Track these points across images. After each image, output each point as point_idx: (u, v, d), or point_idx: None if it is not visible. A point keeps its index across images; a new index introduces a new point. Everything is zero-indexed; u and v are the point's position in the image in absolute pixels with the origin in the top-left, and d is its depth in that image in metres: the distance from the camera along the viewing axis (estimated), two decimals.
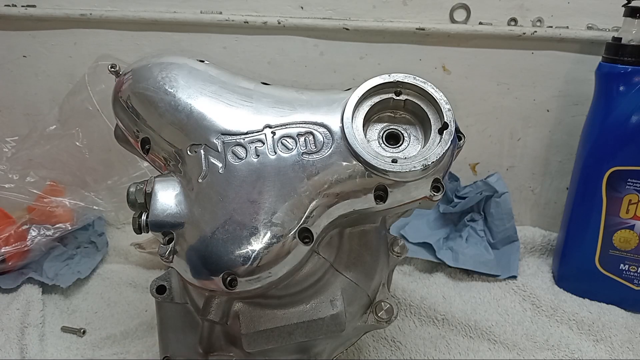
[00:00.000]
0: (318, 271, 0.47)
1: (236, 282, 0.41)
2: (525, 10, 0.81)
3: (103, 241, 0.89)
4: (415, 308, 0.75)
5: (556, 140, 0.89)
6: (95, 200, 0.88)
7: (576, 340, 0.70)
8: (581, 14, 0.80)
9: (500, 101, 0.87)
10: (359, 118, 0.46)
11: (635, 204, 0.73)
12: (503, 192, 0.85)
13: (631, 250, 0.74)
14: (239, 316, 0.45)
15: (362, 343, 0.68)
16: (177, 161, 0.46)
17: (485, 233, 0.86)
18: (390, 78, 0.46)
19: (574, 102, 0.85)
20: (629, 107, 0.70)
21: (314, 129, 0.46)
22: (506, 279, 0.82)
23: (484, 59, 0.85)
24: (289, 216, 0.42)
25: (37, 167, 0.86)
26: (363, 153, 0.44)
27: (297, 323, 0.45)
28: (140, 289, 0.80)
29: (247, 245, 0.41)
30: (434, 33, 0.82)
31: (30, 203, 0.84)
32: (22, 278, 0.79)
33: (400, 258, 0.52)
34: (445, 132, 0.45)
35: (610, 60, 0.72)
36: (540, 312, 0.75)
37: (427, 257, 0.84)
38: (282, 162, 0.44)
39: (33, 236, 0.81)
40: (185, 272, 0.43)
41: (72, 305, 0.77)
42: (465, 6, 0.82)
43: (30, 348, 0.67)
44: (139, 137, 0.49)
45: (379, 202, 0.45)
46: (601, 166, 0.73)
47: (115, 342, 0.70)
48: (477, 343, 0.70)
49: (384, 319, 0.49)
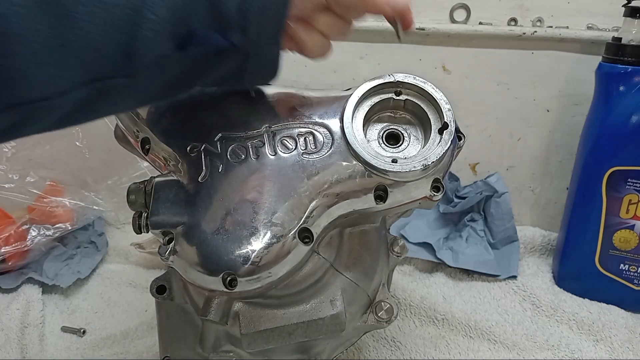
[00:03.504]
0: (318, 271, 0.47)
1: (236, 282, 0.41)
2: (525, 10, 0.81)
3: (103, 241, 0.89)
4: (415, 308, 0.75)
5: (556, 140, 0.89)
6: (95, 200, 0.88)
7: (576, 340, 0.70)
8: (581, 14, 0.80)
9: (500, 101, 0.87)
10: (359, 118, 0.46)
11: (635, 204, 0.73)
12: (503, 192, 0.85)
13: (631, 250, 0.74)
14: (239, 316, 0.45)
15: (362, 343, 0.68)
16: (177, 161, 0.46)
17: (485, 233, 0.86)
18: (390, 78, 0.46)
19: (574, 102, 0.85)
20: (629, 107, 0.70)
21: (313, 129, 0.46)
22: (506, 279, 0.82)
23: (484, 59, 0.85)
24: (289, 216, 0.42)
25: (37, 167, 0.86)
26: (363, 153, 0.44)
27: (297, 323, 0.45)
28: (140, 289, 0.80)
29: (247, 245, 0.41)
30: (434, 33, 0.82)
31: (30, 203, 0.84)
32: (22, 278, 0.79)
33: (400, 258, 0.52)
34: (445, 132, 0.45)
35: (610, 60, 0.72)
36: (540, 312, 0.75)
37: (427, 257, 0.84)
38: (282, 162, 0.44)
39: (33, 236, 0.81)
40: (185, 272, 0.43)
41: (72, 305, 0.77)
42: (465, 6, 0.82)
43: (30, 348, 0.67)
44: (139, 137, 0.49)
45: (379, 202, 0.45)
46: (601, 166, 0.73)
47: (115, 342, 0.70)
48: (477, 343, 0.70)
49: (384, 319, 0.49)
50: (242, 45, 0.37)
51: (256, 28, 0.36)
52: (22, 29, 0.27)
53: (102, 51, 0.30)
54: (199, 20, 0.34)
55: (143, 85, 0.34)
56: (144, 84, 0.34)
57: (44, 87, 0.29)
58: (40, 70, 0.28)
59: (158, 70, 0.34)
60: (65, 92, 0.30)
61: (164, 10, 0.32)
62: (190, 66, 0.37)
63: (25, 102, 0.29)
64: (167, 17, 0.32)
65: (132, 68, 0.32)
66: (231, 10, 0.35)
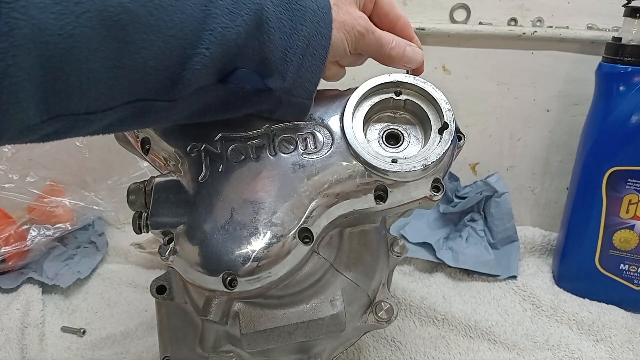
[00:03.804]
0: (318, 271, 0.47)
1: (236, 282, 0.41)
2: (525, 10, 0.81)
3: (103, 241, 0.89)
4: (415, 308, 0.75)
5: (556, 140, 0.89)
6: (95, 200, 0.88)
7: (576, 340, 0.70)
8: (581, 14, 0.80)
9: (500, 101, 0.87)
10: (359, 118, 0.46)
11: (635, 204, 0.73)
12: (503, 192, 0.85)
13: (631, 250, 0.74)
14: (239, 316, 0.45)
15: (362, 343, 0.68)
16: (177, 161, 0.46)
17: (485, 233, 0.86)
18: (390, 78, 0.46)
19: (574, 102, 0.85)
20: (629, 107, 0.70)
21: (313, 129, 0.46)
22: (506, 279, 0.82)
23: (484, 59, 0.85)
24: (289, 216, 0.42)
25: (37, 167, 0.86)
26: (363, 153, 0.44)
27: (297, 323, 0.45)
28: (140, 289, 0.80)
29: (247, 245, 0.41)
30: (434, 33, 0.82)
31: (30, 203, 0.84)
32: (22, 278, 0.79)
33: (400, 258, 0.52)
34: (445, 132, 0.45)
35: (610, 60, 0.72)
36: (540, 312, 0.75)
37: (427, 257, 0.84)
38: (282, 162, 0.44)
39: (33, 236, 0.81)
40: (185, 272, 0.43)
41: (72, 305, 0.77)
42: (465, 6, 0.82)
43: (30, 348, 0.67)
44: (139, 137, 0.49)
45: (379, 202, 0.45)
46: (601, 166, 0.73)
47: (115, 342, 0.70)
48: (477, 343, 0.70)
49: (384, 319, 0.49)
50: (277, 89, 0.39)
51: (294, 77, 0.39)
52: (84, 48, 0.28)
53: (152, 76, 0.32)
54: (245, 61, 0.37)
55: (180, 109, 0.36)
56: (180, 108, 0.36)
57: (92, 102, 0.31)
58: (92, 86, 0.30)
59: (196, 97, 0.36)
60: (110, 108, 0.32)
61: (217, 48, 0.34)
62: (226, 98, 0.39)
63: (72, 114, 0.30)
64: (218, 55, 0.34)
65: (174, 94, 0.34)
66: (276, 57, 0.38)
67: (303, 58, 0.39)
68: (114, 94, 0.31)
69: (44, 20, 0.26)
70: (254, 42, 0.36)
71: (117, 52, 0.29)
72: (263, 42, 0.37)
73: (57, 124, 0.30)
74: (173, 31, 0.31)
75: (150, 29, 0.30)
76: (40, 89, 0.28)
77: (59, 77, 0.28)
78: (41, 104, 0.28)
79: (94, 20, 0.28)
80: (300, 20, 0.38)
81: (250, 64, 0.37)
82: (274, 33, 0.37)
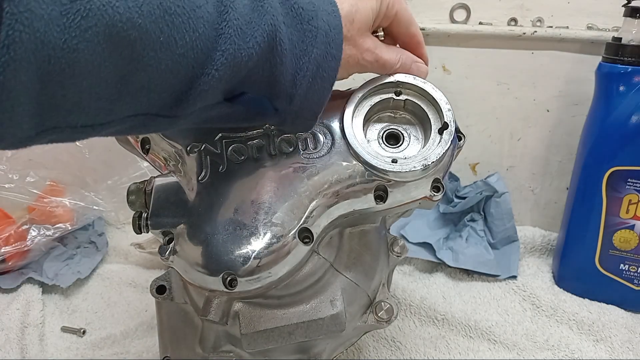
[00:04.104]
0: (318, 271, 0.47)
1: (236, 282, 0.41)
2: (525, 10, 0.81)
3: (103, 241, 0.89)
4: (415, 308, 0.75)
5: (556, 140, 0.89)
6: (95, 200, 0.88)
7: (576, 340, 0.70)
8: (581, 14, 0.80)
9: (500, 101, 0.87)
10: (359, 118, 0.46)
11: (635, 204, 0.73)
12: (503, 192, 0.85)
13: (631, 250, 0.74)
14: (239, 316, 0.45)
15: (362, 343, 0.68)
16: (177, 161, 0.46)
17: (485, 233, 0.86)
18: (390, 78, 0.46)
19: (574, 102, 0.85)
20: (629, 107, 0.70)
21: (314, 129, 0.46)
22: (506, 279, 0.82)
23: (484, 59, 0.85)
24: (289, 216, 0.42)
25: (37, 167, 0.86)
26: (363, 153, 0.44)
27: (297, 323, 0.45)
28: (140, 289, 0.80)
29: (247, 245, 0.41)
30: (434, 33, 0.82)
31: (30, 203, 0.84)
32: (22, 278, 0.79)
33: (400, 258, 0.52)
34: (445, 132, 0.45)
35: (610, 60, 0.72)
36: (540, 312, 0.75)
37: (427, 257, 0.84)
38: (282, 162, 0.44)
39: (33, 236, 0.81)
40: (185, 272, 0.43)
41: (72, 305, 0.77)
42: (465, 6, 0.82)
43: (30, 348, 0.67)
44: (139, 138, 0.49)
45: (379, 202, 0.45)
46: (601, 166, 0.73)
47: (115, 342, 0.70)
48: (477, 343, 0.70)
49: (384, 319, 0.49)
50: (283, 110, 0.38)
51: (302, 99, 0.38)
52: (87, 64, 0.27)
53: (156, 94, 0.31)
54: (254, 82, 0.36)
55: (181, 123, 0.35)
56: (182, 122, 0.35)
57: (90, 117, 0.30)
58: (92, 102, 0.29)
59: (199, 114, 0.35)
60: (109, 122, 0.31)
61: (227, 70, 0.32)
62: (230, 114, 0.38)
63: (68, 126, 0.29)
64: (227, 77, 0.33)
65: (177, 111, 0.33)
66: (286, 79, 0.36)
67: (312, 81, 0.38)
68: (114, 109, 0.30)
69: (47, 33, 0.25)
70: (264, 64, 0.35)
71: (121, 69, 0.28)
72: (274, 65, 0.35)
73: (52, 135, 0.29)
74: (183, 50, 0.30)
75: (159, 46, 0.29)
76: (36, 102, 0.26)
77: (57, 92, 0.27)
78: (37, 117, 0.27)
79: (101, 35, 0.26)
80: (312, 42, 0.37)
81: (259, 85, 0.36)
82: (286, 55, 0.35)
